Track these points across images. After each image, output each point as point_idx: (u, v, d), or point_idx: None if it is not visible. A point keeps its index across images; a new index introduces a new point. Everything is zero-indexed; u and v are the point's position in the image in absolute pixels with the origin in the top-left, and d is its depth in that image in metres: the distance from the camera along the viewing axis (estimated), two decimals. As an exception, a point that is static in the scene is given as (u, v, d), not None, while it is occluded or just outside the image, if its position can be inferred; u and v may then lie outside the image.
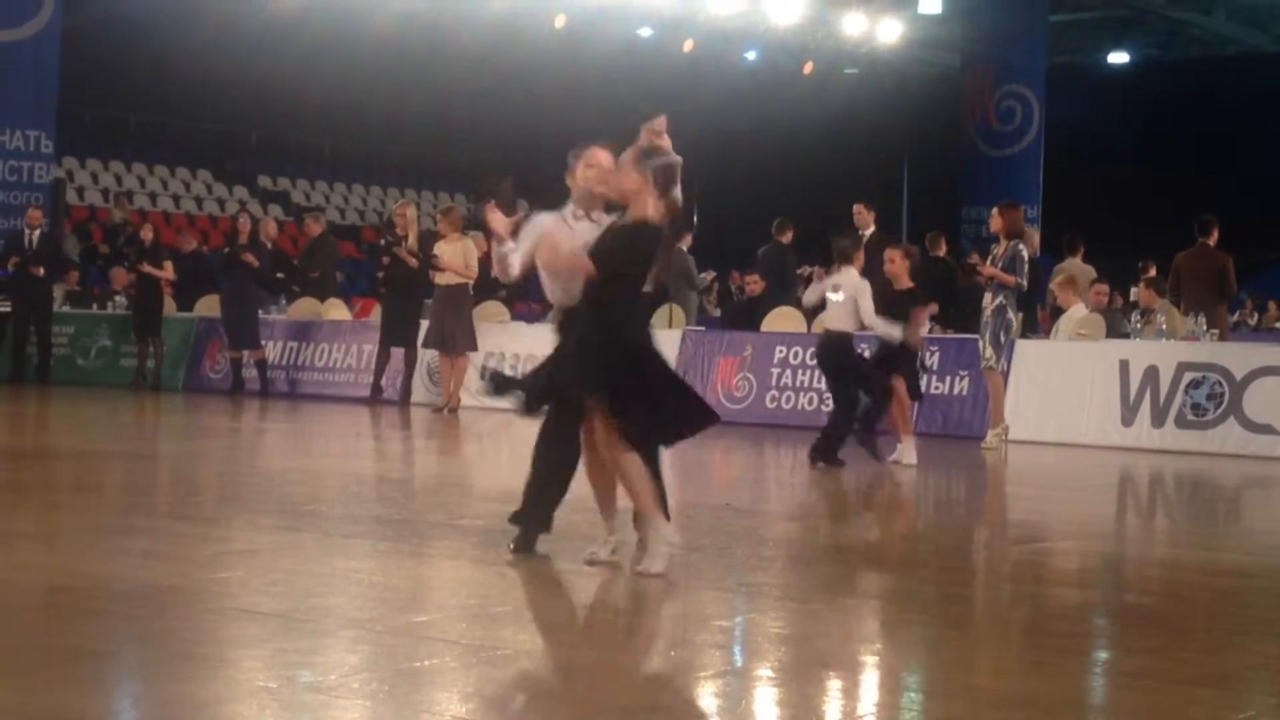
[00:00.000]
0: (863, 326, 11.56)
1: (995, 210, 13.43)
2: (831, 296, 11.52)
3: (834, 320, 11.62)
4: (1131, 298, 15.18)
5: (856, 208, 16.76)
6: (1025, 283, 13.14)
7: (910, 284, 11.75)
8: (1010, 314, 13.11)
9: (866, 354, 12.32)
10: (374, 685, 4.82)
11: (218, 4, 25.43)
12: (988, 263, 13.21)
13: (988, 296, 13.19)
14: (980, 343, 13.26)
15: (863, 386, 11.58)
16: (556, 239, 6.93)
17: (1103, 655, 5.80)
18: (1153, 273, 16.87)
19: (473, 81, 29.21)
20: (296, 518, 8.26)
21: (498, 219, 7.13)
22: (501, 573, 6.81)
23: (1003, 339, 13.12)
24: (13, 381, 18.98)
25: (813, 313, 14.19)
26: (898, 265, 11.77)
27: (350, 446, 13.58)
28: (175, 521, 8.22)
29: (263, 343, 18.33)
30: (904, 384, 11.66)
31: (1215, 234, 15.45)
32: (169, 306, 19.51)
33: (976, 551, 8.44)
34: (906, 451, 11.71)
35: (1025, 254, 13.09)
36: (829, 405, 15.10)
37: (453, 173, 35.04)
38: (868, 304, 11.35)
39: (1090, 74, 33.33)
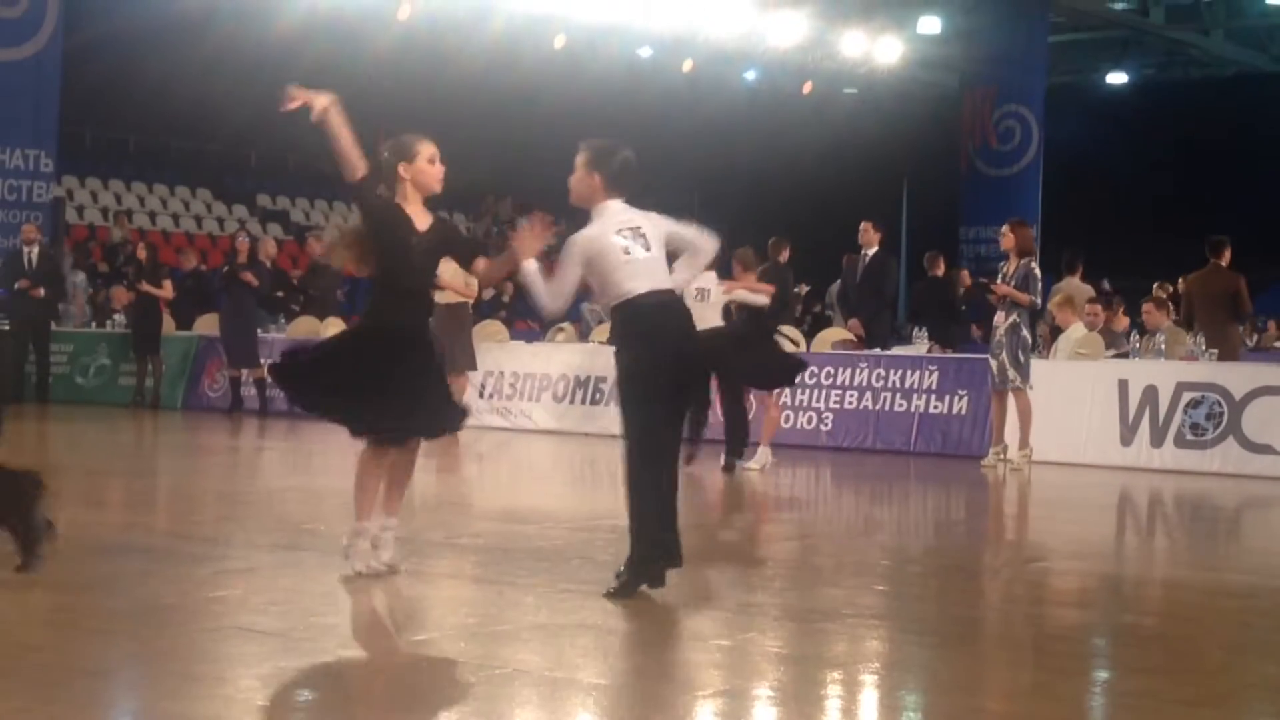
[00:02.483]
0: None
1: (1006, 227, 13.29)
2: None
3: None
4: (1142, 315, 15.08)
5: (863, 225, 16.71)
6: (1040, 300, 13.07)
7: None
8: (1025, 331, 12.96)
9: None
10: (373, 704, 4.81)
11: (218, 25, 25.45)
12: (998, 281, 13.11)
13: (1000, 315, 13.00)
14: (991, 363, 13.15)
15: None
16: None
17: (1103, 675, 5.79)
18: (1161, 294, 16.78)
19: (472, 102, 29.23)
20: (295, 536, 8.26)
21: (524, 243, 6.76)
22: (500, 592, 6.80)
23: (1022, 358, 13.00)
24: (12, 400, 18.95)
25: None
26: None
27: (349, 465, 13.51)
28: (174, 540, 8.21)
29: (262, 361, 18.32)
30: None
31: (1227, 254, 15.27)
32: (168, 325, 19.51)
33: (977, 571, 8.42)
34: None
35: (1038, 271, 13.01)
36: (829, 425, 15.18)
37: (451, 192, 34.84)
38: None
39: (1089, 94, 33.40)
